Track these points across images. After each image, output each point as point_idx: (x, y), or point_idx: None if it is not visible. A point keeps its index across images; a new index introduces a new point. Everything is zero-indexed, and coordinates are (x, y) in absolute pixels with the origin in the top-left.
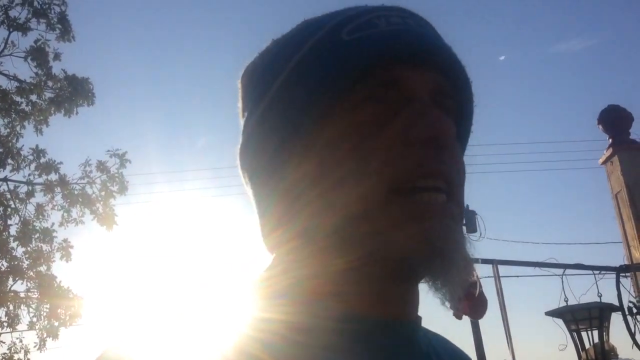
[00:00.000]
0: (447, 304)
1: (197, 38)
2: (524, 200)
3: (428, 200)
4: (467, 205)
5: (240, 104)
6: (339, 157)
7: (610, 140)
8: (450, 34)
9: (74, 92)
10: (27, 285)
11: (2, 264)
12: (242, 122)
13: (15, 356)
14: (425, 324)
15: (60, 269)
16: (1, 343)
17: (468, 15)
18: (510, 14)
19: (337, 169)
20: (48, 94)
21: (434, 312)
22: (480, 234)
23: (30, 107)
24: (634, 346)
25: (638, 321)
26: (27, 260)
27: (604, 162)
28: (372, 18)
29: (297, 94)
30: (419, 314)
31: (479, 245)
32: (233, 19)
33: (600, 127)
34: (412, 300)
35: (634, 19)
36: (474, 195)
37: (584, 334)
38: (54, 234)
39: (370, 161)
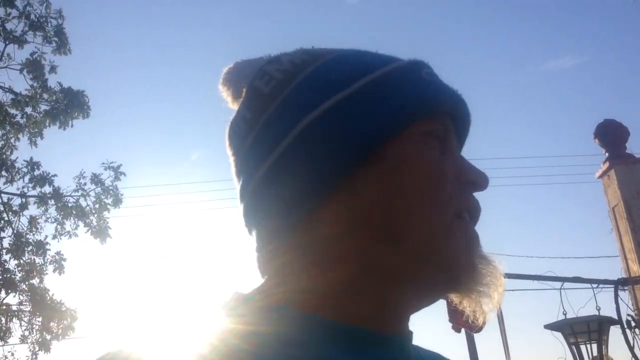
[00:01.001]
0: (479, 314)
1: (192, 52)
2: (522, 214)
3: (470, 224)
4: None
5: (229, 149)
6: (414, 185)
7: (607, 154)
8: (444, 53)
9: (69, 105)
10: (19, 298)
11: None
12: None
13: None
14: (423, 337)
15: (53, 282)
16: None
17: (461, 34)
18: (501, 32)
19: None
20: (43, 107)
21: (430, 326)
22: None
23: (25, 120)
24: (633, 359)
25: (636, 334)
26: (19, 273)
27: (601, 176)
28: (432, 71)
29: (363, 111)
30: (411, 329)
31: None
32: (229, 37)
33: (597, 141)
34: (405, 315)
35: (625, 33)
36: None
37: (582, 347)
38: (47, 247)
39: (439, 194)
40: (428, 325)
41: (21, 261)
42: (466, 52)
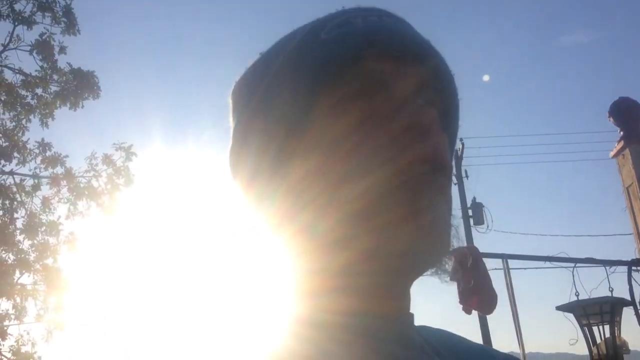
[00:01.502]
0: (442, 277)
1: (203, 31)
2: (535, 192)
3: (429, 187)
4: (474, 198)
5: (230, 117)
6: (337, 155)
7: (622, 133)
8: (456, 30)
9: (79, 86)
10: (34, 278)
11: (9, 257)
12: (232, 129)
13: (23, 348)
14: (435, 319)
15: (67, 262)
16: (9, 335)
17: (476, 12)
18: (516, 8)
19: (336, 166)
20: (53, 88)
21: (443, 308)
22: (488, 226)
23: (35, 101)
24: None
25: None
26: (33, 253)
27: (615, 155)
28: (350, 18)
29: (284, 95)
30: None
31: (487, 238)
32: (239, 13)
33: (611, 119)
34: (407, 296)
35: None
36: (482, 187)
37: (595, 328)
38: (60, 227)
39: (367, 157)
40: (440, 306)
41: (35, 241)
42: (479, 29)
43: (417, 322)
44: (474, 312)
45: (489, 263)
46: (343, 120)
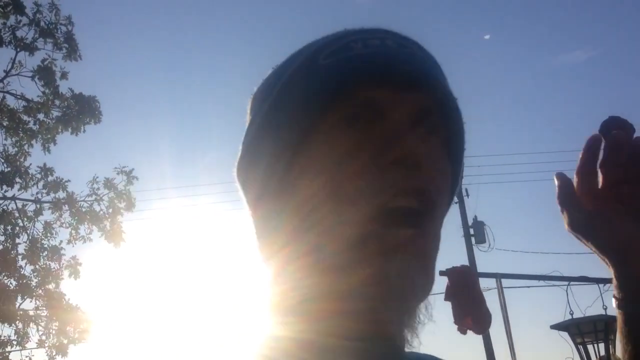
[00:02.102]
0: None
1: (203, 54)
2: (536, 210)
3: (395, 236)
4: (476, 217)
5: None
6: (335, 182)
7: None
8: (454, 48)
9: (80, 111)
10: (35, 304)
11: (11, 283)
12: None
13: None
14: (435, 337)
15: (69, 287)
16: None
17: (473, 27)
18: (513, 26)
19: (334, 193)
20: (55, 113)
21: (442, 327)
22: (489, 245)
23: (37, 126)
24: None
25: None
26: (35, 278)
27: None
28: (349, 42)
29: (281, 119)
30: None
31: (488, 256)
32: (240, 39)
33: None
34: (408, 322)
35: (637, 29)
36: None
37: (589, 347)
38: (62, 252)
39: (346, 188)
40: (441, 327)
41: (37, 266)
42: (478, 47)
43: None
44: (470, 333)
45: (484, 281)
46: (335, 147)
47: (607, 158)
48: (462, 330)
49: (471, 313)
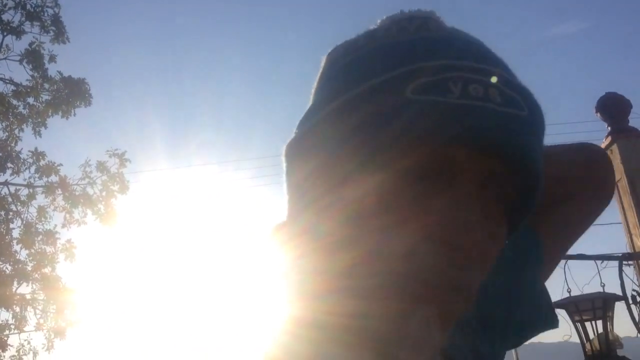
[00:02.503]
0: None
1: (194, 34)
2: None
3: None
4: None
5: (314, 87)
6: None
7: (609, 128)
8: (445, 16)
9: (70, 94)
10: (32, 287)
11: (6, 268)
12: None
13: (24, 358)
14: None
15: (65, 270)
16: (9, 346)
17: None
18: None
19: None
20: (45, 96)
21: None
22: None
23: (27, 110)
24: (639, 335)
25: None
26: (31, 262)
27: None
28: (447, 79)
29: (341, 127)
30: None
31: None
32: (232, 19)
33: (598, 115)
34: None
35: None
36: None
37: (587, 324)
38: (57, 235)
39: (390, 246)
40: None
41: (32, 250)
42: (469, 17)
43: None
44: None
45: None
46: (392, 197)
47: None
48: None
49: None
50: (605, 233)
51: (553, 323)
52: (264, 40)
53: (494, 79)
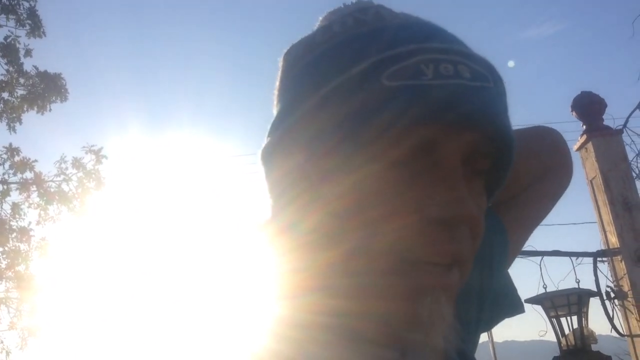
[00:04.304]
0: None
1: (171, 28)
2: None
3: (428, 277)
4: None
5: (276, 89)
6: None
7: (584, 127)
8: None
9: (46, 89)
10: (5, 286)
11: None
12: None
13: None
14: None
15: (39, 268)
16: None
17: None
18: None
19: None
20: (20, 91)
21: None
22: None
23: (2, 105)
24: (612, 330)
25: (616, 305)
26: (4, 260)
27: (579, 149)
28: (419, 62)
29: (320, 124)
30: None
31: None
32: (208, 17)
33: (574, 114)
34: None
35: (603, 2)
36: None
37: (563, 320)
38: (31, 233)
39: (381, 229)
40: None
41: (5, 248)
42: (444, 19)
43: None
44: None
45: None
46: (377, 178)
47: None
48: None
49: None
50: (580, 231)
51: (519, 308)
52: (244, 31)
53: (460, 57)
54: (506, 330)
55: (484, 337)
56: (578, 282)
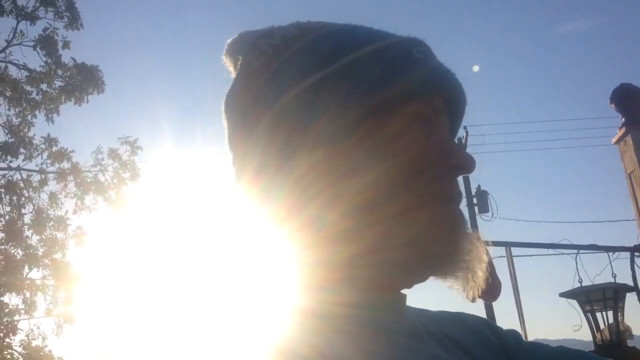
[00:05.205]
0: (464, 292)
1: (208, 22)
2: (538, 180)
3: (449, 178)
4: (479, 186)
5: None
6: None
7: (623, 119)
8: (458, 18)
9: (83, 80)
10: (42, 273)
11: (18, 252)
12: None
13: (33, 343)
14: (440, 305)
15: (75, 256)
16: (19, 330)
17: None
18: None
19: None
20: (58, 83)
21: (447, 294)
22: (492, 214)
23: (40, 96)
24: None
25: None
26: (42, 248)
27: (617, 142)
28: (425, 48)
29: (348, 87)
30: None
31: (491, 225)
32: (245, 11)
33: (613, 106)
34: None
35: None
36: (486, 175)
37: (598, 314)
38: (68, 222)
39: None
40: (446, 294)
41: (43, 236)
42: (481, 17)
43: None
44: (479, 301)
45: (492, 251)
46: (408, 137)
47: None
48: (472, 298)
49: None
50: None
51: None
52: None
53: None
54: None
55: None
56: (614, 277)
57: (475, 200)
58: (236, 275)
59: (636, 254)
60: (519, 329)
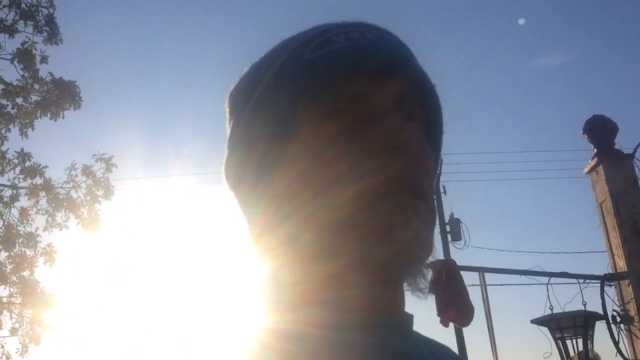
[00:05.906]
0: (419, 294)
1: (185, 42)
2: (510, 209)
3: (408, 207)
4: (452, 214)
5: (226, 124)
6: (316, 167)
7: (595, 150)
8: (433, 50)
9: (60, 96)
10: (9, 290)
11: None
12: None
13: None
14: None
15: (44, 275)
16: None
17: (451, 31)
18: (490, 31)
19: (317, 179)
20: (34, 97)
21: (419, 319)
22: (465, 242)
23: (15, 110)
24: (618, 354)
25: (621, 330)
26: (10, 265)
27: (589, 172)
28: (332, 36)
29: (266, 114)
30: (411, 312)
31: (463, 253)
32: (221, 25)
33: (586, 137)
34: (397, 300)
35: (611, 32)
36: (459, 203)
37: (568, 342)
38: (38, 239)
39: (346, 170)
40: (417, 318)
41: (12, 253)
42: (456, 51)
43: None
44: (451, 325)
45: (466, 277)
46: (322, 135)
47: None
48: (445, 323)
49: (455, 306)
50: (588, 256)
51: None
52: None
53: (366, 27)
54: (508, 355)
55: (483, 358)
56: (585, 305)
57: (448, 228)
58: (211, 293)
59: (606, 282)
60: (490, 354)
